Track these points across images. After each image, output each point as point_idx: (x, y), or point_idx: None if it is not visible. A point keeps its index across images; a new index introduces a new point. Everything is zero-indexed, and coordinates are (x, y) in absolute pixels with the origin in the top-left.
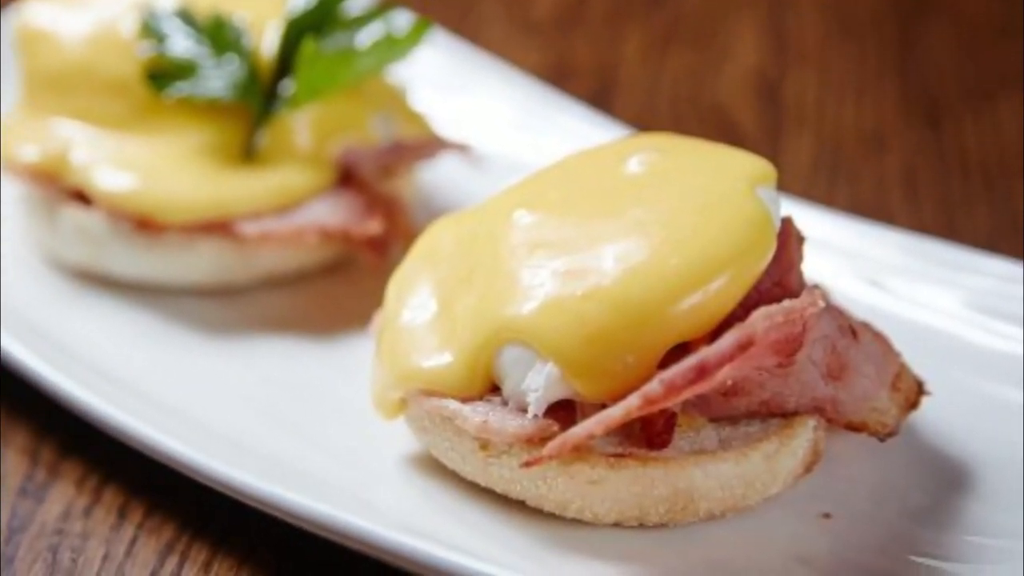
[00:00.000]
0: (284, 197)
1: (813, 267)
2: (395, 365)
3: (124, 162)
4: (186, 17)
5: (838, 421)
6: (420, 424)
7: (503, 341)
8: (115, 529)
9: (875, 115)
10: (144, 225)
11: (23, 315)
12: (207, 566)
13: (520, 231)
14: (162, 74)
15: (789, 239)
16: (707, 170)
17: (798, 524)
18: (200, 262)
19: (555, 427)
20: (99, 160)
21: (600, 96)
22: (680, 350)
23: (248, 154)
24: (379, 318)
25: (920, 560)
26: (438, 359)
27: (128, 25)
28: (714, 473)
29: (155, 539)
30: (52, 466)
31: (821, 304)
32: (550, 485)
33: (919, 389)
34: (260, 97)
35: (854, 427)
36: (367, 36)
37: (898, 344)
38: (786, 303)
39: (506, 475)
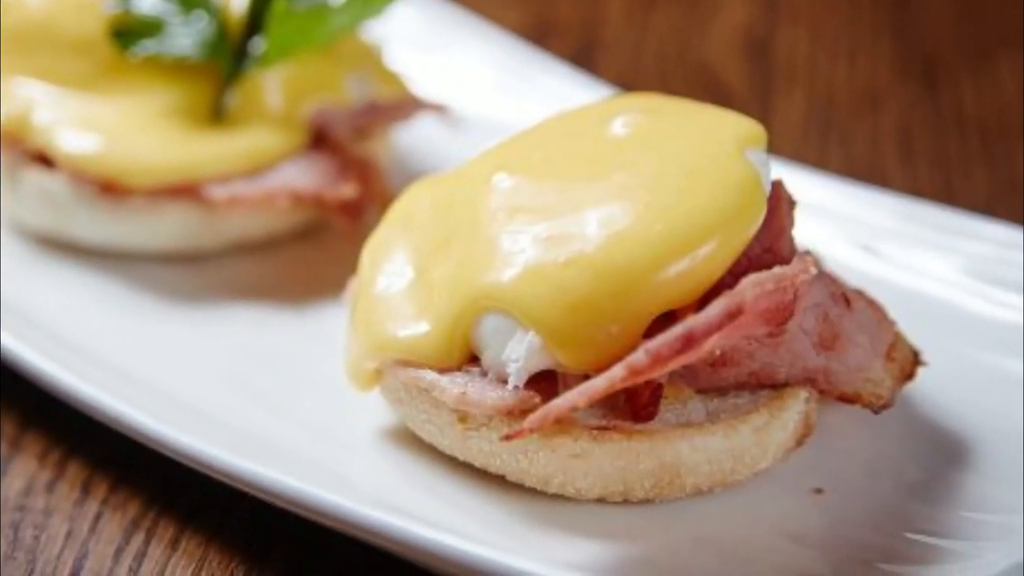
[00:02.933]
0: (254, 160)
1: (805, 232)
2: (370, 334)
3: (88, 123)
4: None
5: (830, 392)
6: (396, 396)
7: (482, 309)
8: (79, 505)
9: (869, 73)
10: (109, 189)
11: None
12: (174, 543)
13: (500, 195)
14: (128, 32)
15: (780, 203)
16: (694, 132)
17: (789, 499)
18: (167, 227)
19: (536, 399)
20: (62, 121)
21: (583, 55)
22: (666, 319)
23: (217, 115)
24: (353, 285)
25: (915, 536)
26: (415, 328)
27: None
28: (701, 446)
29: (120, 515)
30: (13, 439)
31: (813, 271)
32: (531, 459)
33: (915, 359)
34: (229, 56)
35: (847, 399)
36: None
37: (893, 312)
38: (777, 270)
39: (485, 448)
